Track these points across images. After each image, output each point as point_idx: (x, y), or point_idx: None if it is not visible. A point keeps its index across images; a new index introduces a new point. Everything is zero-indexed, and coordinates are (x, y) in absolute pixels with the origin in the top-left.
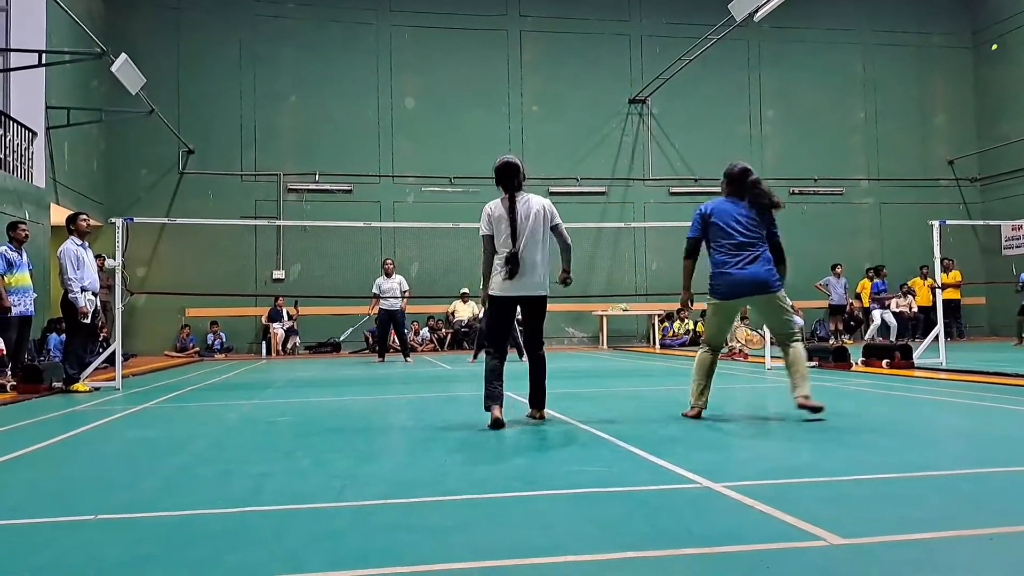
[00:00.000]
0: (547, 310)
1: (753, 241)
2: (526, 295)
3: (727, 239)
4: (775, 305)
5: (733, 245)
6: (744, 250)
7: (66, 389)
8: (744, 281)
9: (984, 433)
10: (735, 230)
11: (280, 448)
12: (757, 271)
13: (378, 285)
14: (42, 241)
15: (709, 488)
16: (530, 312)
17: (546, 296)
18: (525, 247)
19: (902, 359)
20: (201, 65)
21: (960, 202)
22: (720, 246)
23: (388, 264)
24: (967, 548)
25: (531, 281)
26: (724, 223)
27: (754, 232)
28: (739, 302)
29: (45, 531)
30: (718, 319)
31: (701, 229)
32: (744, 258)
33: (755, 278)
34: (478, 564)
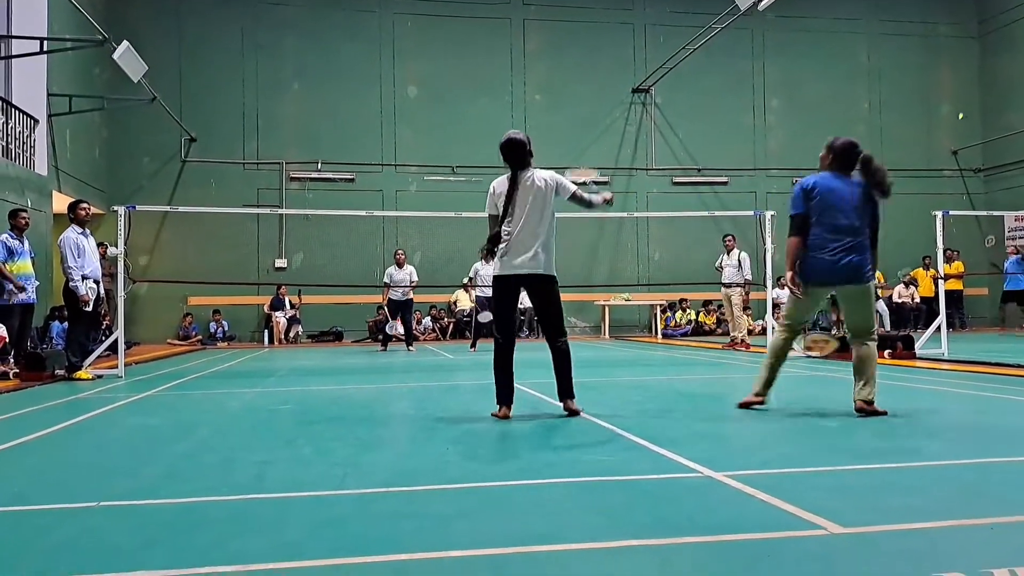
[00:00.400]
0: (558, 296)
1: (857, 227)
2: (523, 274)
3: (830, 220)
4: (864, 297)
5: (835, 228)
6: (846, 235)
7: (69, 377)
8: (838, 269)
9: (985, 423)
10: (841, 211)
11: (282, 436)
12: (853, 259)
13: (389, 275)
14: (44, 229)
15: (710, 477)
16: (535, 295)
17: (550, 277)
18: (521, 226)
19: (904, 349)
20: (203, 53)
21: (964, 192)
22: (821, 226)
23: (400, 255)
24: (968, 538)
25: (525, 259)
26: (830, 202)
27: (858, 216)
28: (828, 289)
29: (49, 517)
30: (803, 303)
31: (805, 205)
32: (844, 244)
33: (850, 266)
34: (480, 552)
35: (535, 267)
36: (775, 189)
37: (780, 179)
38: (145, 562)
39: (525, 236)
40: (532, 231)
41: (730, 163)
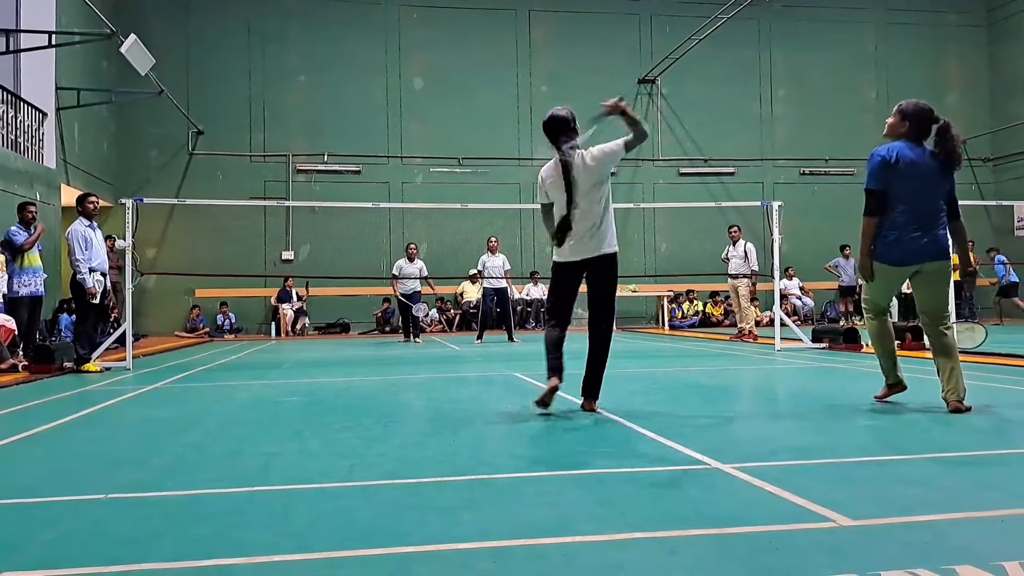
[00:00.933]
0: (615, 280)
1: (937, 205)
2: (588, 257)
3: (910, 196)
4: (945, 276)
5: (914, 207)
6: (927, 215)
7: (77, 369)
8: (923, 247)
9: (995, 414)
10: (922, 186)
11: (289, 428)
12: (939, 234)
13: (399, 267)
14: (52, 222)
15: (717, 469)
16: (595, 277)
17: (614, 255)
18: (580, 211)
19: (913, 340)
20: (210, 45)
21: (972, 182)
22: (903, 202)
23: (412, 248)
24: (978, 530)
25: (591, 243)
26: (911, 175)
27: (937, 191)
28: (911, 269)
29: (56, 508)
30: (884, 286)
31: (885, 178)
32: (926, 223)
33: (935, 243)
34: (486, 544)
35: (604, 247)
36: (782, 179)
37: (787, 169)
38: (152, 554)
39: (586, 223)
40: (593, 215)
41: (737, 153)
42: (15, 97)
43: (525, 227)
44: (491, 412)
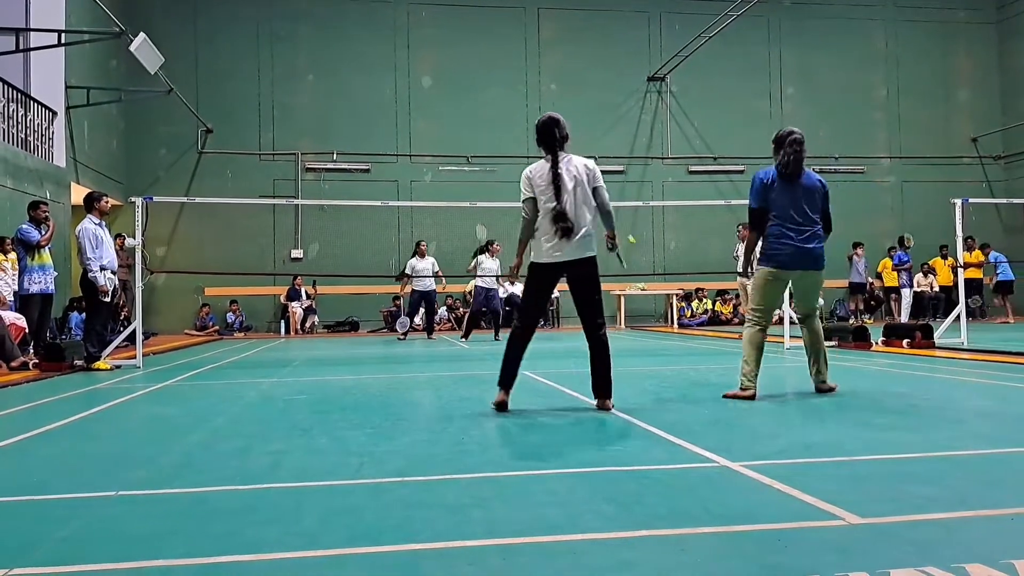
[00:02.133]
0: (598, 280)
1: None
2: (574, 259)
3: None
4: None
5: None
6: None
7: (87, 367)
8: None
9: (1005, 413)
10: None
11: (298, 425)
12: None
13: (411, 266)
14: (63, 220)
15: (726, 467)
16: (579, 282)
17: (595, 258)
18: (572, 207)
19: (923, 339)
20: (219, 44)
21: (983, 180)
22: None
23: (422, 246)
24: (988, 528)
25: (580, 243)
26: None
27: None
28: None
29: (68, 506)
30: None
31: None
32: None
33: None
34: (495, 541)
35: (588, 250)
36: None
37: None
38: (162, 551)
39: (580, 218)
40: (585, 214)
41: (746, 151)
42: (25, 96)
43: None
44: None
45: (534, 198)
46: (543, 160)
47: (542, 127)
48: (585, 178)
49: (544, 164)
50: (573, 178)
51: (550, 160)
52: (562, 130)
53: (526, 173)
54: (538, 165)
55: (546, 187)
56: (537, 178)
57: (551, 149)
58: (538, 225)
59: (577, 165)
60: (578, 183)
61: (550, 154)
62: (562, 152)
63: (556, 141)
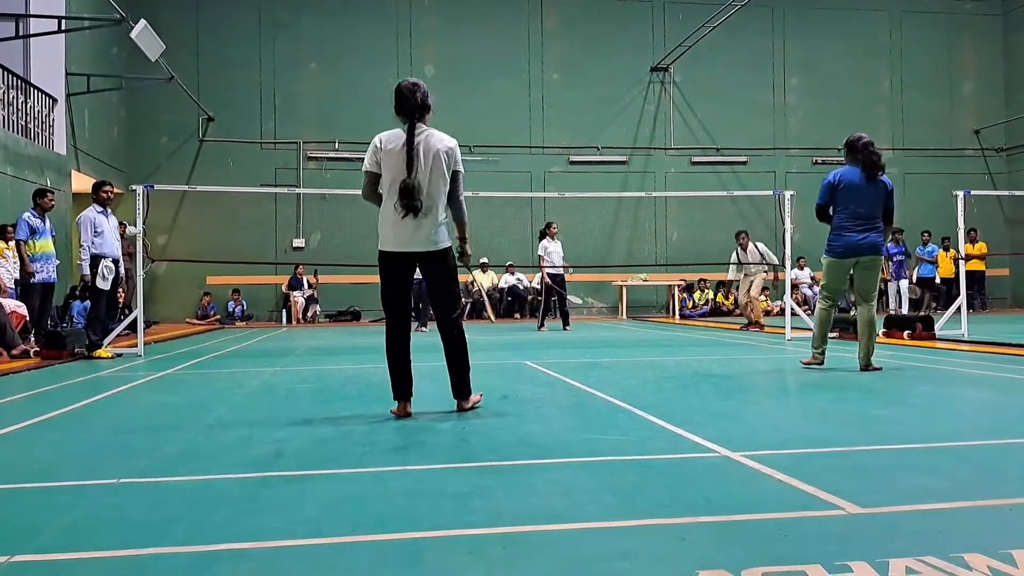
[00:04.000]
0: (453, 271)
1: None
2: (422, 251)
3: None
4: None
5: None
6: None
7: (88, 355)
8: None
9: (1006, 404)
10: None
11: (300, 414)
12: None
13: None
14: (63, 208)
15: (727, 457)
16: (429, 269)
17: (447, 251)
18: (423, 185)
19: (924, 330)
20: (221, 31)
21: (986, 172)
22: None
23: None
24: (988, 518)
25: (428, 231)
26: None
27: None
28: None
29: (71, 493)
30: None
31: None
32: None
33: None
34: (497, 530)
35: (440, 242)
36: (795, 169)
37: (800, 159)
38: (164, 538)
39: (429, 198)
40: (437, 197)
41: (749, 142)
42: (25, 83)
43: (536, 215)
44: (502, 400)
45: (377, 173)
46: (396, 130)
47: (401, 92)
48: (443, 158)
49: (398, 133)
50: (431, 154)
51: (407, 130)
52: (424, 98)
53: (374, 141)
54: (390, 133)
55: (396, 162)
56: (387, 150)
57: (410, 118)
58: (384, 207)
59: (435, 142)
60: (436, 161)
61: (408, 123)
62: (420, 124)
63: (415, 110)
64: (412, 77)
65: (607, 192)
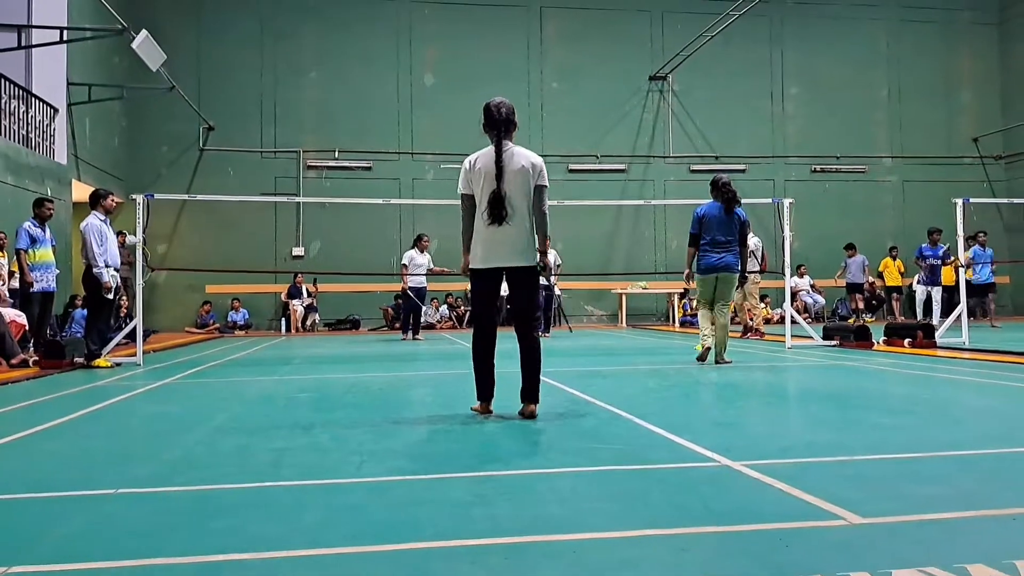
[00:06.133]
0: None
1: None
2: (509, 265)
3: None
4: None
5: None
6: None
7: (87, 364)
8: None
9: (1007, 412)
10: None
11: (299, 423)
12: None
13: (410, 258)
14: (64, 217)
15: (727, 466)
16: (515, 282)
17: (533, 267)
18: (510, 202)
19: (924, 338)
20: (221, 41)
21: (984, 180)
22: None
23: (425, 240)
24: (990, 528)
25: (515, 243)
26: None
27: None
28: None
29: (68, 503)
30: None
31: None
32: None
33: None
34: (497, 540)
35: (527, 258)
36: (794, 177)
37: (799, 167)
38: (163, 548)
39: (518, 211)
40: (524, 211)
41: (748, 151)
42: (26, 93)
43: None
44: (501, 408)
45: (472, 194)
46: (485, 150)
47: (491, 110)
48: (529, 174)
49: (486, 153)
50: (517, 172)
51: (495, 148)
52: (513, 116)
53: (465, 164)
54: (480, 154)
55: (485, 180)
56: (477, 170)
57: (498, 135)
58: (476, 225)
59: (520, 159)
60: (522, 178)
61: (495, 141)
62: (507, 142)
63: (503, 128)
64: (500, 97)
65: (607, 200)
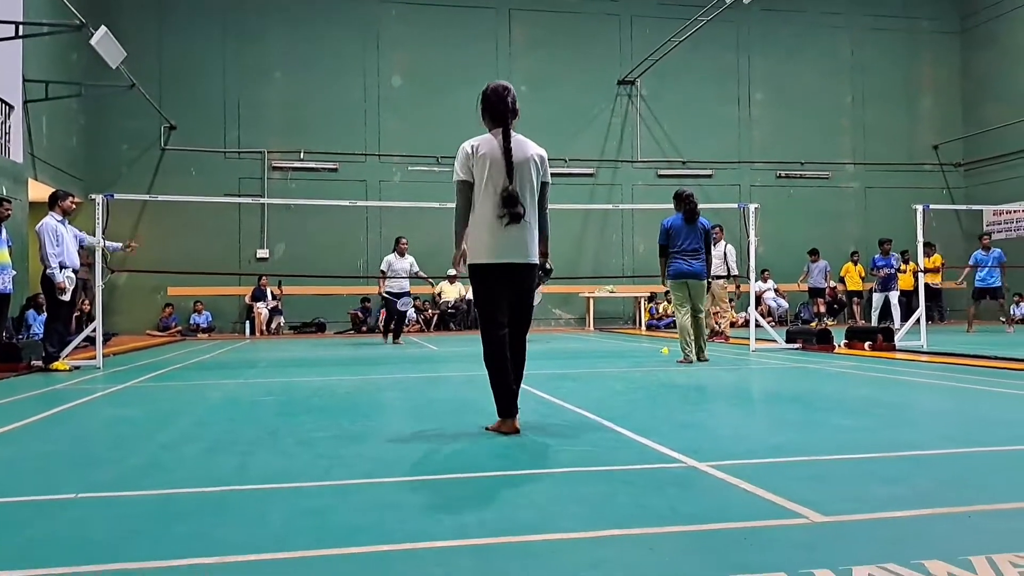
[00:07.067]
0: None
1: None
2: (520, 262)
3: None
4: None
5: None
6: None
7: (45, 367)
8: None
9: (964, 413)
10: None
11: (264, 427)
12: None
13: (388, 263)
14: (20, 217)
15: (693, 467)
16: (521, 282)
17: (536, 266)
18: (523, 197)
19: (884, 341)
20: (184, 39)
21: (944, 187)
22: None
23: (403, 243)
24: (947, 525)
25: (528, 240)
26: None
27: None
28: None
29: (27, 509)
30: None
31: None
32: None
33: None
34: (466, 542)
35: (533, 256)
36: (759, 182)
37: (764, 172)
38: (125, 554)
39: (529, 209)
40: (530, 207)
41: (714, 156)
42: None
43: None
44: (469, 411)
45: (470, 181)
46: (488, 136)
47: (492, 95)
48: (535, 168)
49: (491, 139)
50: (524, 163)
51: (500, 135)
52: (515, 103)
53: (465, 148)
54: (482, 139)
55: (492, 170)
56: (480, 156)
57: (502, 123)
58: (476, 217)
59: (529, 149)
60: (530, 171)
61: (501, 128)
62: (513, 130)
63: (508, 115)
64: (500, 81)
65: (575, 204)
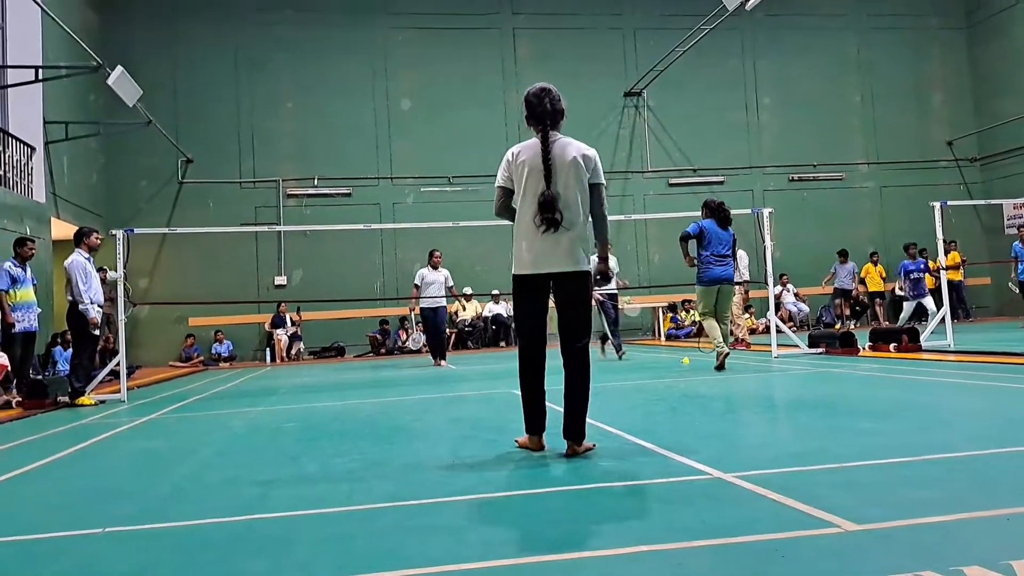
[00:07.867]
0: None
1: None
2: (558, 271)
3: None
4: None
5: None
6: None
7: (71, 403)
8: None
9: (995, 413)
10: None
11: (286, 454)
12: None
13: (421, 276)
14: (44, 256)
15: (720, 479)
16: (563, 291)
17: (586, 273)
18: (561, 196)
19: (909, 342)
20: (197, 74)
21: (960, 183)
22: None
23: (437, 256)
24: (985, 529)
25: (568, 247)
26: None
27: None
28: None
29: (54, 545)
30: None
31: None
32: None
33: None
34: (492, 563)
35: (579, 263)
36: (771, 186)
37: (776, 176)
38: None
39: (569, 214)
40: (576, 212)
41: (725, 162)
42: (3, 133)
43: None
44: (490, 430)
45: (510, 189)
46: (530, 141)
47: (535, 98)
48: (580, 169)
49: (532, 145)
50: (566, 166)
51: (540, 140)
52: (560, 104)
53: (507, 155)
54: (524, 145)
55: (531, 176)
56: (520, 163)
57: (543, 126)
58: (518, 227)
59: (571, 151)
60: (573, 173)
61: (541, 132)
62: (555, 132)
63: (550, 117)
64: (541, 83)
65: None
